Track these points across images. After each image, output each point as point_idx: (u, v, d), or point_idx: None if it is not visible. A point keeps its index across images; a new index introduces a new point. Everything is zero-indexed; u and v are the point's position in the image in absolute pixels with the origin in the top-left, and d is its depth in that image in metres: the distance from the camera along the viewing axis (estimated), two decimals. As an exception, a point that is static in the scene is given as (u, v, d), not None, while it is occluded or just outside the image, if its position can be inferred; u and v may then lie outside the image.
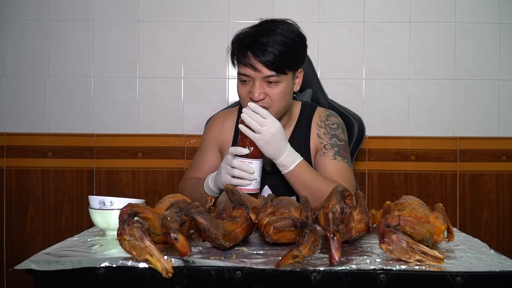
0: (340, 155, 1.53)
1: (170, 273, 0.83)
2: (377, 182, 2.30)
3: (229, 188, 1.04)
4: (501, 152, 2.30)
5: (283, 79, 1.43)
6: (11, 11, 2.30)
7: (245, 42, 1.42)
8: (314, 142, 1.56)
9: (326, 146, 1.54)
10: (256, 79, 1.41)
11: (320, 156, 1.53)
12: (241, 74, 1.43)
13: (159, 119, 2.31)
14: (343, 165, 1.51)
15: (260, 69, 1.39)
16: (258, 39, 1.40)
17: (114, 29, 2.31)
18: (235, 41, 1.47)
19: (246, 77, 1.42)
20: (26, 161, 2.31)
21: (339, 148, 1.54)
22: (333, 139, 1.55)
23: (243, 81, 1.44)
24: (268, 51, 1.38)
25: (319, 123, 1.58)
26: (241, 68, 1.43)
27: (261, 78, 1.41)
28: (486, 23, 2.29)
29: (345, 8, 2.30)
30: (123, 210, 0.89)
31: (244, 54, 1.41)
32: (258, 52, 1.38)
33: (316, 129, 1.57)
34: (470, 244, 1.04)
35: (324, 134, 1.56)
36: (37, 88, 2.31)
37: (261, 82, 1.41)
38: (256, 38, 1.40)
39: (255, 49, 1.39)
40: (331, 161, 1.51)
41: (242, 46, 1.43)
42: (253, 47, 1.39)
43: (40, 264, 0.86)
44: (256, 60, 1.39)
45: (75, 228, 2.30)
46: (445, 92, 2.30)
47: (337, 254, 0.84)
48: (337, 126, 1.58)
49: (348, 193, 1.03)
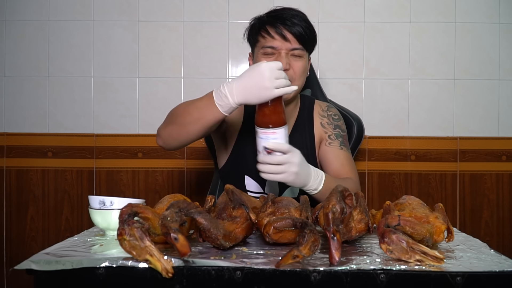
0: (344, 145, 1.58)
1: (170, 273, 0.83)
2: (377, 182, 2.30)
3: (229, 188, 1.04)
4: (501, 152, 2.30)
5: (304, 56, 1.50)
6: (11, 11, 2.30)
7: (274, 16, 1.49)
8: (318, 130, 1.59)
9: (331, 136, 1.57)
10: (282, 50, 1.46)
11: (326, 146, 1.56)
12: (266, 47, 1.47)
13: (159, 119, 2.27)
14: (348, 155, 1.57)
15: (289, 38, 1.45)
16: (287, 12, 1.49)
17: (114, 29, 2.31)
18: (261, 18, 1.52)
19: (272, 49, 1.46)
20: (26, 161, 2.31)
21: (343, 138, 1.59)
22: (336, 129, 1.59)
23: (267, 54, 1.48)
24: (297, 23, 1.46)
25: (321, 112, 1.62)
26: (267, 41, 1.47)
27: (287, 49, 1.46)
28: (486, 23, 2.29)
29: (345, 8, 2.30)
30: (123, 210, 0.89)
31: (276, 25, 1.46)
32: (289, 22, 1.46)
33: (319, 118, 1.61)
34: (470, 244, 1.04)
35: (328, 124, 1.60)
36: (37, 88, 2.31)
37: (287, 54, 1.46)
38: (284, 12, 1.49)
39: (286, 21, 1.46)
40: (339, 151, 1.55)
41: (272, 19, 1.48)
42: (284, 19, 1.46)
43: (40, 264, 0.86)
44: (287, 31, 1.45)
45: (75, 228, 2.30)
46: (445, 92, 2.30)
47: (337, 254, 0.84)
48: (339, 117, 1.64)
49: (348, 193, 1.03)
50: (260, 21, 1.51)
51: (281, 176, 1.24)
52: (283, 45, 1.45)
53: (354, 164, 1.57)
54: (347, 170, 1.51)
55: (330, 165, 1.54)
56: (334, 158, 1.54)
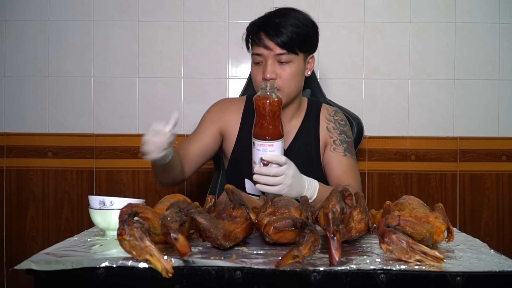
0: (349, 151, 1.57)
1: (170, 273, 0.83)
2: (377, 182, 2.30)
3: (229, 188, 1.04)
4: (501, 152, 2.30)
5: (295, 60, 1.47)
6: (11, 11, 2.30)
7: (259, 24, 1.49)
8: (324, 135, 1.59)
9: (335, 142, 1.57)
10: (268, 58, 1.45)
11: (331, 152, 1.56)
12: (254, 54, 1.48)
13: (159, 119, 2.30)
14: (352, 162, 1.56)
15: (271, 47, 1.44)
16: (271, 20, 1.47)
17: (114, 29, 2.31)
18: (251, 25, 1.52)
19: (259, 57, 1.47)
20: (26, 161, 2.31)
21: (348, 144, 1.58)
22: (342, 135, 1.59)
23: (256, 62, 1.49)
24: (280, 30, 1.44)
25: (327, 116, 1.61)
26: (254, 48, 1.49)
27: (273, 56, 1.45)
28: (486, 23, 2.29)
29: (345, 8, 2.30)
30: (123, 210, 0.89)
31: (258, 34, 1.47)
32: (271, 31, 1.44)
33: (326, 123, 1.60)
34: (470, 244, 1.04)
35: (334, 129, 1.59)
36: (37, 88, 2.31)
37: (273, 61, 1.46)
38: (269, 19, 1.48)
39: (268, 28, 1.45)
40: (342, 157, 1.55)
41: (256, 27, 1.49)
42: (266, 27, 1.46)
43: (40, 264, 0.86)
44: (268, 39, 1.45)
45: (75, 228, 2.30)
46: (445, 92, 2.30)
47: (337, 254, 0.84)
48: (345, 123, 1.63)
49: (348, 193, 1.03)
50: (251, 27, 1.52)
51: (276, 188, 1.27)
52: (268, 53, 1.45)
53: (357, 171, 1.57)
54: (349, 177, 1.52)
55: (332, 171, 1.55)
56: (337, 164, 1.54)
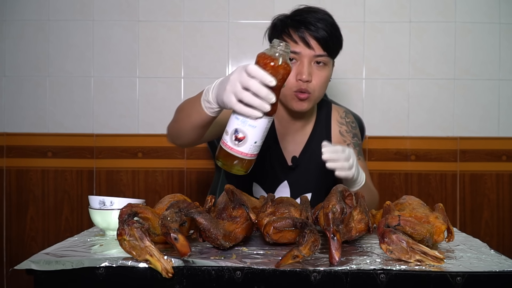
0: (361, 155, 1.55)
1: (170, 273, 0.83)
2: (377, 182, 2.30)
3: (229, 188, 1.04)
4: (501, 152, 2.30)
5: (329, 64, 1.40)
6: (11, 11, 2.30)
7: (299, 19, 1.38)
8: (337, 138, 1.54)
9: (349, 146, 1.52)
10: (304, 58, 1.36)
11: None
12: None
13: (159, 119, 2.31)
14: (365, 165, 1.54)
15: (313, 45, 1.35)
16: (312, 16, 1.37)
17: (114, 29, 2.31)
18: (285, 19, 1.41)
19: (295, 54, 1.36)
20: (26, 161, 2.31)
21: (360, 147, 1.56)
22: (354, 138, 1.56)
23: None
24: (322, 28, 1.35)
25: (339, 119, 1.57)
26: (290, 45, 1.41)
27: (311, 57, 1.36)
28: (486, 23, 2.29)
29: (345, 8, 2.30)
30: (123, 210, 0.89)
31: (299, 29, 1.36)
32: (313, 27, 1.35)
33: (338, 126, 1.56)
34: (470, 244, 1.04)
35: (347, 132, 1.55)
36: (37, 88, 2.31)
37: (309, 62, 1.36)
38: (309, 16, 1.37)
39: (310, 25, 1.35)
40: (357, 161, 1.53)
41: (295, 22, 1.37)
42: (308, 23, 1.35)
43: (40, 264, 0.86)
44: (311, 37, 1.35)
45: (75, 228, 2.30)
46: (445, 92, 2.30)
47: (337, 254, 0.84)
48: (356, 125, 1.60)
49: (348, 193, 1.03)
50: (283, 22, 1.40)
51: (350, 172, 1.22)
52: (306, 51, 1.35)
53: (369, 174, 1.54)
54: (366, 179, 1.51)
55: None
56: None
